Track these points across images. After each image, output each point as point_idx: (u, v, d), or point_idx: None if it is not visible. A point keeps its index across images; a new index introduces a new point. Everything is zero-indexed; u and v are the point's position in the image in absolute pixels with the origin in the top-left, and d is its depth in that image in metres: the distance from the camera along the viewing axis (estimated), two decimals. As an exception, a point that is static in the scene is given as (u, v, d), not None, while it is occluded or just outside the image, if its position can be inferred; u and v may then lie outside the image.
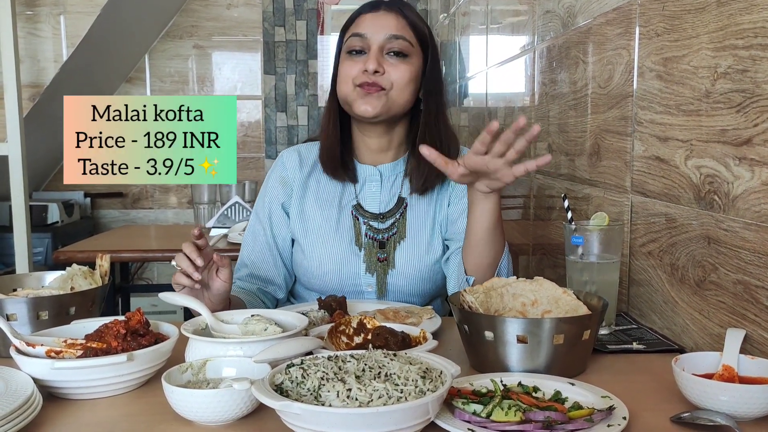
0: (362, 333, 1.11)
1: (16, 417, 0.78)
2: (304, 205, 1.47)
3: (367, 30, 1.38)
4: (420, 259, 1.43)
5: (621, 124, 1.38)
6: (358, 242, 1.43)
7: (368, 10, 1.41)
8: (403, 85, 1.38)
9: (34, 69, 3.02)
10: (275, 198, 1.48)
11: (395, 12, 1.39)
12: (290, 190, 1.48)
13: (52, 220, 3.57)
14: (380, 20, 1.38)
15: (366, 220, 1.44)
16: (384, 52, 1.37)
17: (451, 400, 0.83)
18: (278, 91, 4.19)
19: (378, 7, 1.40)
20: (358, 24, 1.40)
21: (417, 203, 1.46)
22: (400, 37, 1.37)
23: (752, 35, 0.95)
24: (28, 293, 1.16)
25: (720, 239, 1.04)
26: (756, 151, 0.95)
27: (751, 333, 0.97)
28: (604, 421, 0.80)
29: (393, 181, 1.47)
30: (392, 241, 1.43)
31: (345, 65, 1.39)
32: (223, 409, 0.82)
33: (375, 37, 1.37)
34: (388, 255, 1.43)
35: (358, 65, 1.37)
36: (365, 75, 1.36)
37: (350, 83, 1.38)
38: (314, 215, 1.45)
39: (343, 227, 1.44)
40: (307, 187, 1.47)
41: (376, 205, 1.46)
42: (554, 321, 0.97)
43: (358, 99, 1.37)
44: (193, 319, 1.07)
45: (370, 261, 1.43)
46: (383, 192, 1.46)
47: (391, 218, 1.44)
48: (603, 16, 1.48)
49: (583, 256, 1.19)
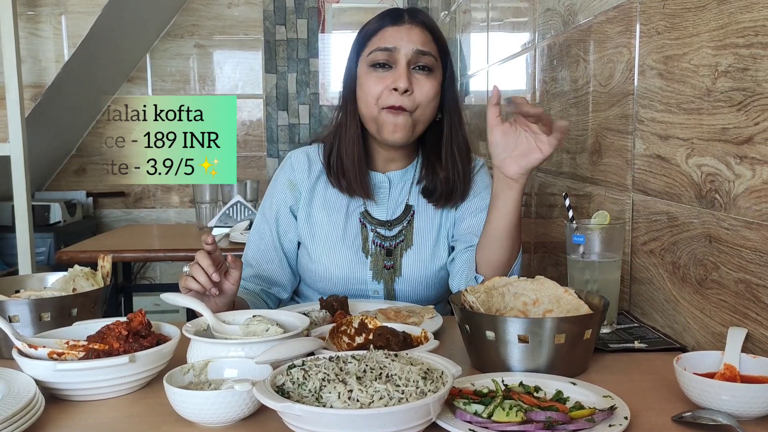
0: (363, 333, 1.11)
1: (19, 419, 0.78)
2: (311, 209, 1.45)
3: (395, 43, 1.32)
4: (426, 266, 1.42)
5: (622, 122, 1.38)
6: (365, 249, 1.42)
7: (391, 21, 1.35)
8: (428, 101, 1.35)
9: (36, 69, 3.02)
10: (283, 200, 1.46)
11: (420, 25, 1.34)
12: (298, 194, 1.45)
13: (55, 219, 3.58)
14: (407, 33, 1.33)
15: (374, 228, 1.43)
16: (411, 66, 1.33)
17: (453, 400, 0.83)
18: (279, 89, 4.19)
19: (401, 18, 1.35)
20: (383, 37, 1.34)
21: (424, 210, 1.45)
22: (427, 53, 1.33)
23: (753, 33, 0.95)
24: (30, 295, 1.16)
25: (721, 238, 1.04)
26: (757, 149, 0.95)
27: (753, 332, 0.97)
28: (606, 421, 0.80)
29: (402, 187, 1.46)
30: (399, 248, 1.43)
31: (369, 80, 1.34)
32: (225, 410, 0.82)
33: (402, 51, 1.32)
34: (395, 262, 1.42)
35: (384, 81, 1.32)
36: (393, 96, 1.32)
37: (375, 105, 1.34)
38: (322, 221, 1.44)
39: (351, 233, 1.43)
40: (315, 191, 1.45)
41: (384, 213, 1.45)
42: (555, 320, 0.97)
43: (386, 124, 1.34)
44: (195, 320, 1.07)
45: (376, 268, 1.42)
46: (391, 199, 1.45)
47: (399, 226, 1.44)
48: (604, 14, 1.47)
49: (584, 254, 1.19)
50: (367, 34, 1.38)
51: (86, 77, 3.43)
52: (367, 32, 1.38)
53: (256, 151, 4.19)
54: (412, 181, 1.46)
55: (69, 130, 3.87)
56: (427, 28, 1.36)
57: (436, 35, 1.37)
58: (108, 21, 3.16)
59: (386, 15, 1.37)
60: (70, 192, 4.00)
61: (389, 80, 1.32)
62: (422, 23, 1.36)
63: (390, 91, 1.32)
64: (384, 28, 1.35)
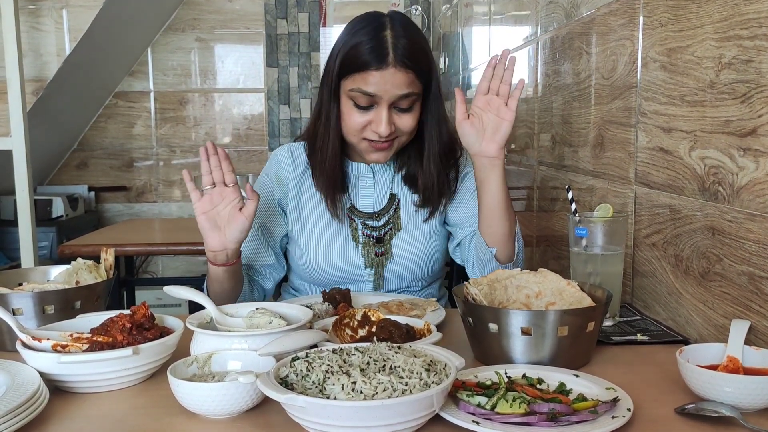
0: (366, 325, 1.11)
1: (24, 411, 0.78)
2: (300, 203, 1.47)
3: (377, 90, 1.30)
4: (416, 245, 1.46)
5: (625, 115, 1.38)
6: (355, 238, 1.46)
7: (375, 64, 1.29)
8: (410, 131, 1.38)
9: (37, 63, 3.02)
10: (271, 193, 1.48)
11: (403, 69, 1.30)
12: (286, 188, 1.48)
13: (57, 214, 3.58)
14: (390, 79, 1.30)
15: (362, 220, 1.46)
16: (392, 106, 1.33)
17: (456, 392, 0.83)
18: (281, 83, 4.18)
19: (385, 60, 1.29)
20: (366, 80, 1.30)
21: (409, 197, 1.48)
22: (409, 95, 1.32)
23: (757, 25, 0.95)
24: (34, 287, 1.16)
25: (724, 230, 1.04)
26: (760, 141, 0.95)
27: (756, 324, 0.97)
28: (609, 413, 0.80)
29: (386, 176, 1.49)
30: (388, 235, 1.47)
31: (351, 116, 1.34)
32: (229, 402, 0.82)
33: (385, 97, 1.31)
34: (385, 248, 1.46)
35: (365, 117, 1.33)
36: (375, 135, 1.34)
37: (357, 135, 1.36)
38: (310, 213, 1.46)
39: (339, 225, 1.45)
40: (302, 185, 1.48)
41: (369, 205, 1.48)
42: (558, 313, 0.97)
43: (368, 151, 1.38)
44: (198, 313, 1.07)
45: (368, 256, 1.45)
46: (376, 189, 1.48)
47: (386, 216, 1.47)
48: (606, 6, 1.47)
49: (587, 247, 1.19)
50: (348, 65, 1.32)
51: (88, 71, 3.43)
52: (349, 64, 1.32)
53: (258, 145, 4.19)
54: (395, 170, 1.49)
55: (71, 125, 3.87)
56: (412, 65, 1.31)
57: (420, 66, 1.33)
58: (109, 15, 3.15)
59: (371, 50, 1.30)
60: (72, 186, 4.01)
61: (371, 117, 1.33)
62: (406, 64, 1.30)
63: (372, 130, 1.34)
64: (368, 70, 1.30)
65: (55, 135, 3.70)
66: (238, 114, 4.19)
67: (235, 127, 4.19)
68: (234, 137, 4.19)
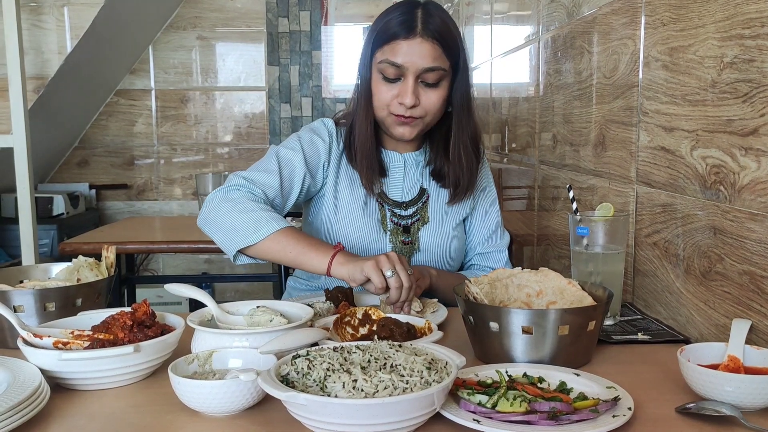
0: (367, 324, 1.11)
1: (25, 408, 0.78)
2: (338, 181, 1.46)
3: (404, 61, 1.33)
4: (443, 239, 1.48)
5: (626, 114, 1.38)
6: (383, 225, 1.46)
7: (404, 34, 1.33)
8: (435, 109, 1.39)
9: (38, 61, 3.02)
10: (317, 152, 1.43)
11: (431, 40, 1.32)
12: (328, 157, 1.44)
13: (58, 211, 3.58)
14: (417, 49, 1.32)
15: (390, 207, 1.48)
16: (419, 80, 1.35)
17: (457, 390, 0.83)
18: (282, 82, 4.19)
19: (414, 31, 1.32)
20: (394, 51, 1.33)
21: (438, 193, 1.50)
22: (436, 69, 1.34)
23: (759, 25, 0.95)
24: (35, 285, 1.16)
25: (726, 229, 1.04)
26: (762, 141, 0.95)
27: (757, 323, 0.97)
28: (610, 412, 0.80)
29: (415, 169, 1.50)
30: (416, 225, 1.48)
31: (379, 88, 1.38)
32: (230, 399, 0.82)
33: (411, 68, 1.33)
34: (413, 238, 1.48)
35: (392, 91, 1.36)
36: (401, 107, 1.35)
37: (385, 109, 1.38)
38: (345, 194, 1.46)
39: (370, 209, 1.46)
40: (340, 163, 1.48)
41: (398, 194, 1.49)
42: (559, 312, 0.97)
43: (394, 125, 1.40)
44: (199, 311, 1.07)
45: (395, 244, 1.46)
46: (406, 180, 1.49)
47: (413, 207, 1.49)
48: (608, 5, 1.47)
49: (588, 246, 1.19)
50: (379, 38, 1.36)
51: (89, 69, 3.43)
52: (380, 36, 1.36)
53: (259, 144, 4.19)
54: (425, 163, 1.51)
55: (72, 122, 3.87)
56: (439, 39, 1.33)
57: (448, 42, 1.35)
58: (110, 13, 3.15)
59: (401, 22, 1.34)
60: (72, 184, 4.01)
61: (397, 91, 1.36)
62: (434, 35, 1.33)
63: (398, 104, 1.36)
64: (396, 40, 1.33)
65: (56, 133, 3.70)
66: (239, 112, 4.19)
67: (236, 126, 4.19)
68: (235, 135, 4.19)
